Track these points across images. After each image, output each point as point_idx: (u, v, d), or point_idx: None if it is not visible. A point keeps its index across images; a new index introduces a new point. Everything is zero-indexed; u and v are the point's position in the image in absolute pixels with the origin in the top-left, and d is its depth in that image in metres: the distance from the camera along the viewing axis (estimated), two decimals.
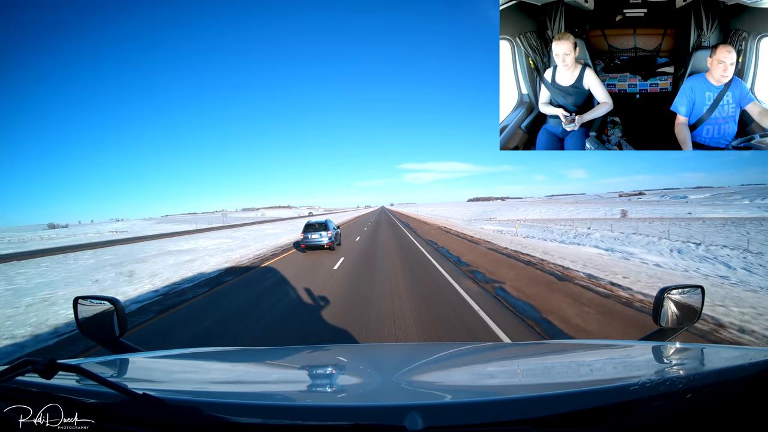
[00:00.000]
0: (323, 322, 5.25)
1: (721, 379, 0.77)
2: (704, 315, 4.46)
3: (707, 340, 4.12)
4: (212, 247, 17.64)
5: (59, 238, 47.34)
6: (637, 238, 17.32)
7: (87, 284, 9.24)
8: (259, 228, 37.76)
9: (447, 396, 0.93)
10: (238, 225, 55.15)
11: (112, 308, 1.39)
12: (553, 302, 5.77)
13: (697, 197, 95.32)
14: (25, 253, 22.88)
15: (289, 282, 8.38)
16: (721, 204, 63.32)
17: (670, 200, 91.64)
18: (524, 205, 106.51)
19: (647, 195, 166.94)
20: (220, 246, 18.18)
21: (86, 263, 14.36)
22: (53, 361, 0.73)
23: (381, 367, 1.34)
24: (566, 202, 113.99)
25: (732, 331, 4.31)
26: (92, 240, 37.10)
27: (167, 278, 9.41)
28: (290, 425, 0.70)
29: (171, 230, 50.08)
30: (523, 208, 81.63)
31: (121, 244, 26.84)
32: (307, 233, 14.01)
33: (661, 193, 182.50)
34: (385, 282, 7.84)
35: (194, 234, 33.78)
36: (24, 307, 6.82)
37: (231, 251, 15.27)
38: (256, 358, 1.60)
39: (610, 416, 0.71)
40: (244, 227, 43.50)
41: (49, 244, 33.55)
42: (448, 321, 5.08)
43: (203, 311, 6.30)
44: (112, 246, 24.39)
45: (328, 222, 14.62)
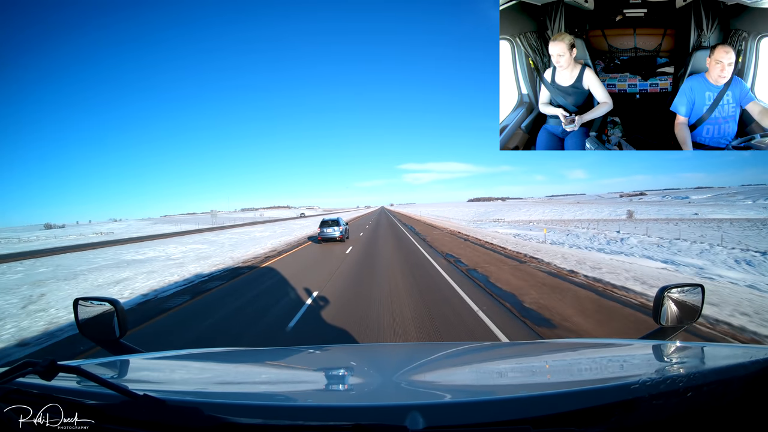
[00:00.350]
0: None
1: (722, 378, 0.77)
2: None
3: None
4: (177, 255, 14.96)
5: (37, 241, 43.22)
6: (683, 245, 14.26)
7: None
8: (247, 230, 33.65)
9: (447, 395, 0.93)
10: (226, 227, 49.04)
11: (112, 309, 1.39)
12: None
13: (699, 198, 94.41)
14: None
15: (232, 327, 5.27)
16: (725, 204, 62.58)
17: (672, 200, 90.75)
18: (525, 205, 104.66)
19: (648, 195, 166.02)
20: (187, 255, 15.04)
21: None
22: (54, 363, 0.73)
23: (381, 367, 1.34)
24: (567, 203, 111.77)
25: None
26: (71, 243, 33.02)
27: (52, 319, 6.02)
28: (291, 425, 0.70)
29: (155, 232, 46.47)
30: (525, 208, 79.48)
31: (88, 249, 22.66)
32: (323, 228, 17.19)
33: (662, 193, 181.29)
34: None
35: (175, 237, 29.66)
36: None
37: (202, 260, 12.87)
38: (256, 358, 1.60)
39: (610, 415, 0.71)
40: (231, 229, 39.19)
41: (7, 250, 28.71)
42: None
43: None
44: (74, 252, 20.37)
45: (339, 219, 18.32)
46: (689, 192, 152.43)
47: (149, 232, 50.30)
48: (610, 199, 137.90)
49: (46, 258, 17.79)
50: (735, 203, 65.91)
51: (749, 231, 24.45)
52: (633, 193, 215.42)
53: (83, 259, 15.78)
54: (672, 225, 29.79)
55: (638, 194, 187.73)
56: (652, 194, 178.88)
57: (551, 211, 64.16)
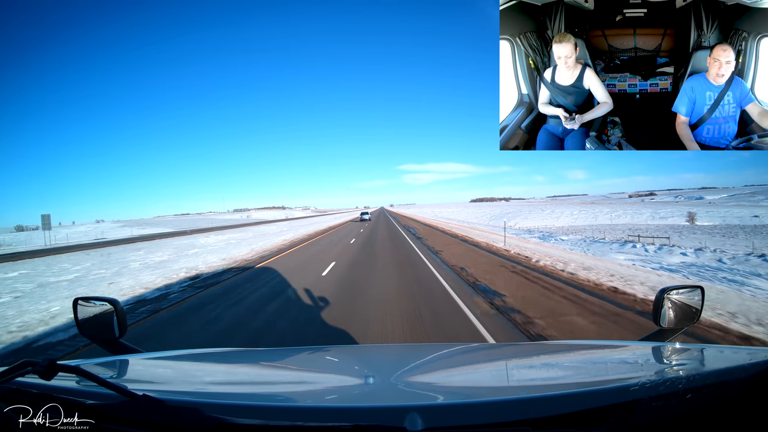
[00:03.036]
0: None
1: (721, 380, 0.77)
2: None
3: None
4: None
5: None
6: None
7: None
8: (201, 238, 25.13)
9: (447, 396, 0.93)
10: (187, 232, 37.89)
11: (111, 309, 1.39)
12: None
13: (715, 198, 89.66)
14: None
15: None
16: (747, 205, 57.68)
17: (686, 201, 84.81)
18: (529, 206, 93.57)
19: (659, 195, 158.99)
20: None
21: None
22: (53, 362, 0.73)
23: (381, 367, 1.34)
24: (573, 203, 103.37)
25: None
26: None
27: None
28: (290, 426, 0.70)
29: (109, 238, 36.02)
30: (548, 209, 63.44)
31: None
32: (362, 215, 41.99)
33: (673, 193, 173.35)
34: None
35: (115, 246, 21.87)
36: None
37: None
38: (256, 359, 1.60)
39: (610, 417, 0.71)
40: (181, 238, 28.19)
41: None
42: None
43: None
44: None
45: (367, 212, 44.34)
46: (698, 192, 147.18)
47: (105, 237, 39.14)
48: (618, 200, 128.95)
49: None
50: (759, 203, 62.55)
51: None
52: (643, 193, 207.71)
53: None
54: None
55: (648, 194, 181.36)
56: (662, 194, 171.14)
57: (581, 214, 50.70)
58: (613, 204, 73.67)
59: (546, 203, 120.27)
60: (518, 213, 57.18)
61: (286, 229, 32.81)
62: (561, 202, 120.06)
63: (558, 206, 76.00)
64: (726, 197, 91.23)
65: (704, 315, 5.05)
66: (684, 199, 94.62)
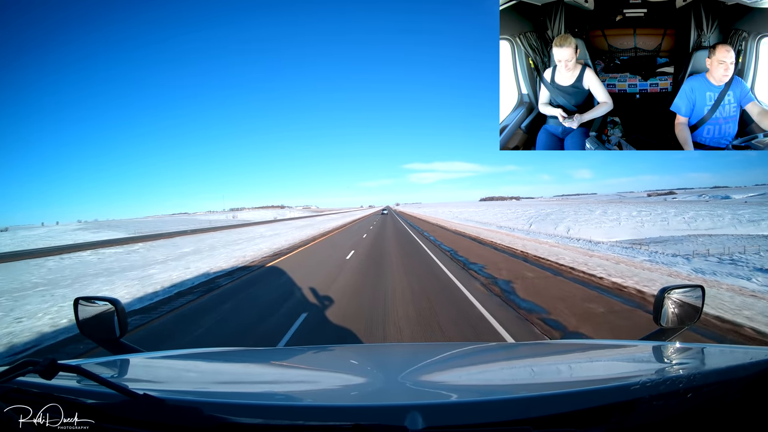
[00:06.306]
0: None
1: (722, 379, 0.77)
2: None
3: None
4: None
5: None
6: None
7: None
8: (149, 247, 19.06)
9: (448, 396, 0.93)
10: (151, 237, 29.11)
11: (112, 309, 1.39)
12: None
13: (742, 197, 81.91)
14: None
15: None
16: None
17: (712, 200, 72.48)
18: (559, 205, 70.88)
19: (679, 194, 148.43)
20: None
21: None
22: (54, 362, 0.73)
23: (382, 367, 1.34)
24: (581, 202, 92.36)
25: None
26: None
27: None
28: (291, 425, 0.70)
29: (41, 246, 25.52)
30: (597, 210, 43.16)
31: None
32: (382, 210, 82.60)
33: (693, 192, 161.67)
34: None
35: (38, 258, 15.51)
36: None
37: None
38: (257, 358, 1.60)
39: (610, 416, 0.71)
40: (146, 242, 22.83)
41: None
42: None
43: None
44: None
45: (386, 209, 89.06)
46: (716, 191, 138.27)
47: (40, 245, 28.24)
48: (638, 199, 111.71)
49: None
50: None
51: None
52: (663, 191, 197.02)
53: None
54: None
55: (667, 193, 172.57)
56: (682, 193, 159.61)
57: (642, 217, 34.74)
58: (650, 204, 58.75)
59: (550, 202, 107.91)
60: (560, 215, 38.33)
61: (273, 233, 25.83)
62: (571, 201, 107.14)
63: (602, 206, 56.50)
64: (756, 195, 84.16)
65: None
66: (711, 198, 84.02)
